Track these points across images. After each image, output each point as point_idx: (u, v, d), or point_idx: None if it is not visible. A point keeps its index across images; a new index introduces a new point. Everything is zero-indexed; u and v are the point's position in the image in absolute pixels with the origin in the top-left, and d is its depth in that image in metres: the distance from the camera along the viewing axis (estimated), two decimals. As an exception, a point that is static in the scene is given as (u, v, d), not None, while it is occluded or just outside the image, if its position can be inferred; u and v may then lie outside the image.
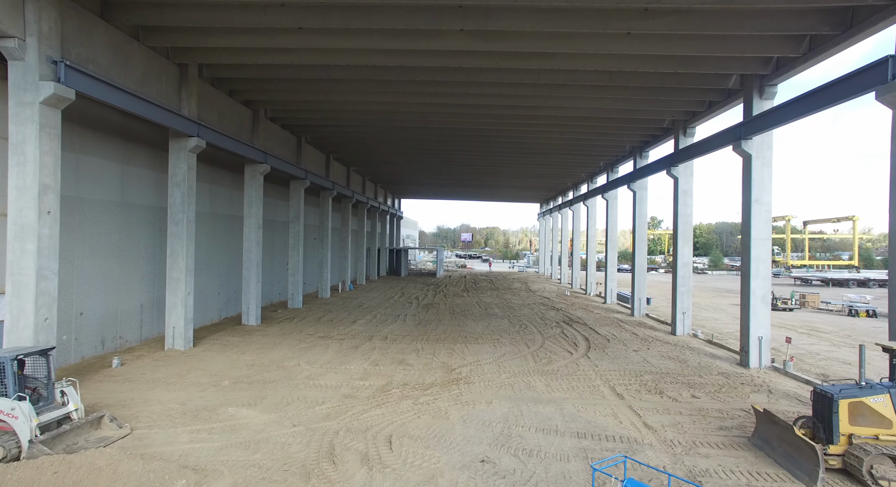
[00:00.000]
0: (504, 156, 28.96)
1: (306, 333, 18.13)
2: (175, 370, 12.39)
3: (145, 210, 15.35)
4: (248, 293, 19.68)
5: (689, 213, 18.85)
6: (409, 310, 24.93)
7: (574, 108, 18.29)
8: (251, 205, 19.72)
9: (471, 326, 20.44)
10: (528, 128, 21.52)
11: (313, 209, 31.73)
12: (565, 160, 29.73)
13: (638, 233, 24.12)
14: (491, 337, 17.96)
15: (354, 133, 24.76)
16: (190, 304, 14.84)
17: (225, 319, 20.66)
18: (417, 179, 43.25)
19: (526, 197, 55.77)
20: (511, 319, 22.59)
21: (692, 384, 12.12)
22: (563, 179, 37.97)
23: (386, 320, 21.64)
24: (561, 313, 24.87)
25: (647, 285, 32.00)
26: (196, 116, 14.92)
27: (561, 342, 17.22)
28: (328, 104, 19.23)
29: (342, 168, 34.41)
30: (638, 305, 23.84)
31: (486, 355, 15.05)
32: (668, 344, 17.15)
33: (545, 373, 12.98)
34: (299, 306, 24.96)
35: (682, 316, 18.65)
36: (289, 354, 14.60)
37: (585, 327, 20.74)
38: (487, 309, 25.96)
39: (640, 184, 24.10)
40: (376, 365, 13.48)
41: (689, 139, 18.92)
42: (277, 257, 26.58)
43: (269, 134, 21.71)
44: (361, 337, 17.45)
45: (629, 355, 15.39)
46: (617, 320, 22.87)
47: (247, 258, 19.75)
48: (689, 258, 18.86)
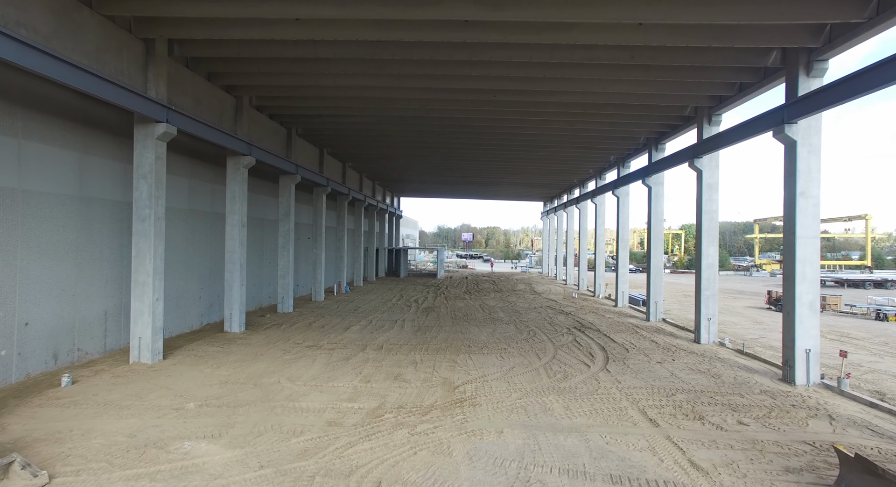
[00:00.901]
0: (509, 149, 27.26)
1: (293, 341, 16.44)
2: (134, 390, 10.70)
3: (111, 206, 13.66)
4: (231, 298, 17.99)
5: (715, 209, 17.13)
6: (407, 314, 23.24)
7: (588, 92, 16.58)
8: (234, 201, 18.03)
9: (474, 333, 18.75)
10: (536, 117, 19.81)
11: (306, 207, 30.05)
12: (574, 154, 28.00)
13: (654, 231, 22.42)
14: (497, 346, 16.27)
15: (349, 124, 23.06)
16: (159, 311, 13.16)
17: (207, 325, 18.98)
18: (417, 177, 41.56)
19: (529, 195, 54.05)
20: (517, 324, 20.90)
21: (735, 405, 10.41)
22: (569, 175, 36.24)
23: (382, 326, 19.95)
24: (570, 317, 23.18)
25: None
26: (165, 100, 13.23)
27: (575, 352, 15.52)
28: (318, 90, 17.53)
29: (337, 164, 32.72)
30: (654, 309, 22.14)
31: (492, 368, 13.36)
32: (693, 354, 15.45)
33: (562, 392, 11.29)
34: (290, 310, 23.27)
35: (708, 323, 16.94)
36: (270, 367, 12.92)
37: (599, 333, 19.04)
38: (491, 313, 24.27)
39: (656, 179, 22.39)
40: (368, 382, 11.79)
41: (714, 128, 17.21)
42: (267, 258, 24.90)
43: (255, 124, 20.02)
44: (354, 347, 15.76)
45: (654, 368, 13.69)
46: (632, 325, 21.17)
47: (229, 259, 18.06)
48: (715, 259, 17.14)
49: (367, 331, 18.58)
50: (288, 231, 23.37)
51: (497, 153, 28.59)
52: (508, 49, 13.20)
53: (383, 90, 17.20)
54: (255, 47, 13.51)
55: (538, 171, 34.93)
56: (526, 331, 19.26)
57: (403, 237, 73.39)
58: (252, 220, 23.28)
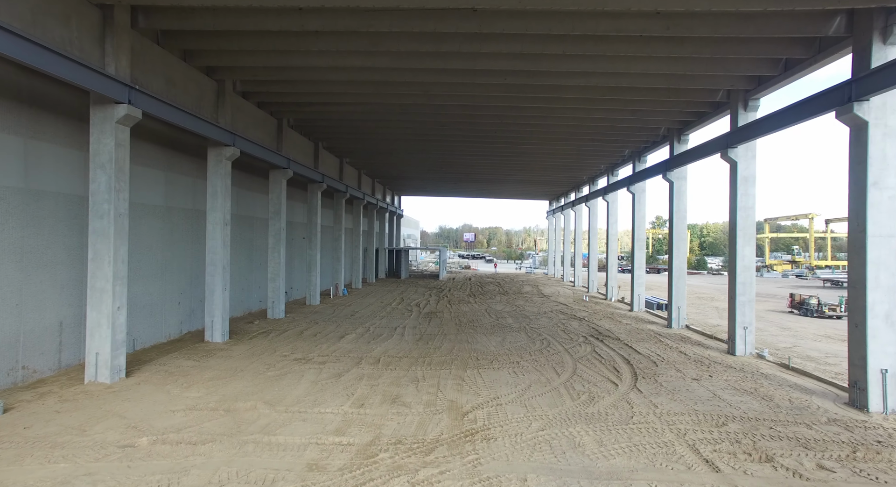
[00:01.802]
0: (517, 143, 25.47)
1: (280, 353, 14.67)
2: (79, 419, 8.92)
3: (68, 201, 11.90)
4: (213, 304, 16.22)
5: (752, 205, 15.30)
6: (408, 320, 21.46)
7: (610, 73, 14.79)
8: (216, 196, 16.26)
9: (482, 342, 16.96)
10: (549, 104, 18.01)
11: (301, 205, 28.30)
12: (587, 148, 26.19)
13: (676, 230, 20.61)
14: (508, 359, 14.48)
15: (344, 114, 21.30)
16: (121, 322, 11.39)
17: (187, 334, 17.22)
18: (418, 174, 39.78)
19: (535, 193, 52.24)
20: (528, 332, 19.10)
21: (805, 441, 8.59)
22: (579, 171, 34.43)
23: (380, 334, 18.17)
24: (585, 323, 21.37)
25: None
26: (128, 78, 11.46)
27: (597, 367, 13.73)
28: (308, 73, 15.76)
29: (334, 159, 30.96)
30: (676, 315, 20.32)
31: (505, 387, 11.57)
32: (732, 369, 13.63)
33: (590, 419, 9.49)
34: (281, 315, 21.51)
35: (744, 332, 15.12)
36: (249, 387, 11.14)
37: (619, 343, 17.24)
38: (499, 319, 22.48)
39: (678, 173, 20.57)
40: (361, 406, 10.01)
41: (750, 114, 15.39)
42: (257, 260, 23.14)
43: (240, 112, 18.25)
44: (348, 360, 13.99)
45: (691, 387, 11.88)
46: (653, 333, 19.35)
47: (210, 261, 16.29)
48: (752, 261, 15.32)
49: (363, 340, 16.80)
50: (279, 230, 21.60)
51: (504, 147, 26.79)
52: (524, 18, 11.39)
53: (380, 72, 15.41)
54: (232, 17, 11.70)
55: (547, 167, 33.11)
56: (539, 340, 17.47)
57: (404, 237, 71.61)
58: (241, 218, 21.52)
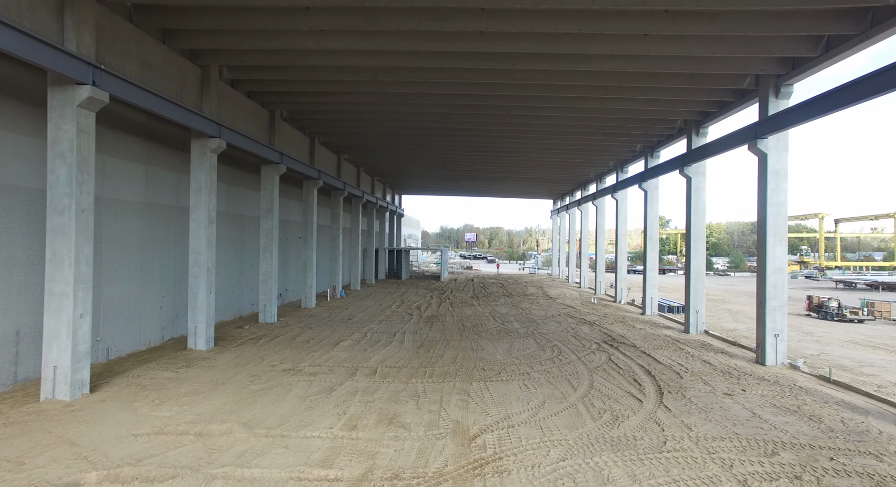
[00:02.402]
0: (523, 137, 24.20)
1: (268, 363, 13.41)
2: (19, 450, 7.65)
3: (26, 196, 10.65)
4: (196, 308, 14.97)
5: (783, 201, 14.00)
6: (408, 325, 20.18)
7: (630, 57, 13.54)
8: (200, 192, 15.00)
9: (488, 349, 15.69)
10: (560, 93, 16.72)
11: (296, 203, 27.05)
12: (597, 143, 24.90)
13: (694, 229, 19.31)
14: (518, 369, 13.20)
15: (340, 106, 20.05)
16: (84, 331, 10.13)
17: (170, 340, 15.97)
18: (419, 171, 38.52)
19: (539, 192, 50.94)
20: (537, 338, 17.82)
21: (880, 478, 7.30)
22: (587, 168, 33.13)
23: (378, 340, 16.91)
24: (596, 328, 20.08)
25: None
26: (92, 56, 10.21)
27: (615, 378, 12.44)
28: (300, 57, 14.50)
29: (331, 156, 29.71)
30: (695, 320, 19.02)
31: (517, 404, 10.30)
32: (766, 382, 12.34)
33: (617, 445, 8.22)
34: (273, 320, 20.25)
35: (775, 340, 13.82)
36: (228, 404, 9.88)
37: (636, 350, 15.96)
38: (505, 323, 21.20)
39: (695, 168, 19.28)
40: (353, 428, 8.74)
41: (782, 102, 14.11)
42: (249, 260, 21.89)
43: (228, 102, 17.00)
44: (341, 370, 12.72)
45: (725, 404, 10.60)
46: (670, 339, 18.05)
47: (194, 262, 15.03)
48: (784, 262, 14.01)
49: (359, 348, 15.53)
50: (271, 229, 20.34)
51: (509, 142, 25.52)
52: None
53: (378, 56, 14.15)
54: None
55: (553, 163, 31.83)
56: (549, 347, 16.18)
57: (405, 237, 70.38)
58: (231, 216, 20.28)
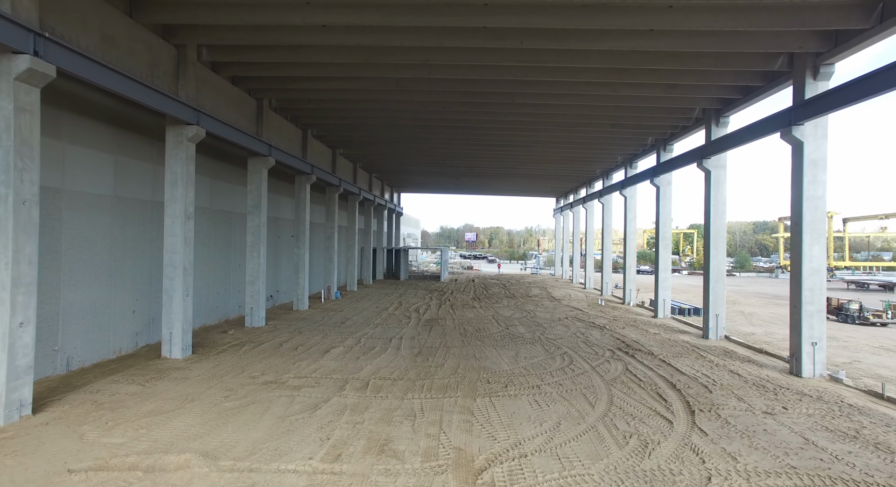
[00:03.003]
0: (528, 129, 22.80)
1: (248, 374, 12.03)
2: (-70, 488, 6.29)
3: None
4: (171, 313, 13.58)
5: (821, 194, 12.58)
6: (405, 329, 18.79)
7: (654, 33, 12.15)
8: (175, 185, 13.62)
9: (492, 358, 14.30)
10: (570, 77, 15.31)
11: (289, 200, 25.66)
12: (605, 136, 23.51)
13: (713, 226, 17.91)
14: (526, 381, 11.81)
15: (334, 94, 18.65)
16: (25, 343, 8.73)
17: (144, 347, 14.59)
18: (419, 168, 37.13)
19: (541, 190, 49.54)
20: (545, 344, 16.43)
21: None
22: (593, 164, 31.73)
23: (373, 346, 15.52)
24: (607, 333, 18.69)
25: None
26: (33, 22, 8.80)
27: (637, 392, 11.05)
28: (285, 34, 13.09)
29: (326, 150, 28.31)
30: (714, 324, 17.62)
31: (528, 425, 8.91)
32: (808, 398, 10.93)
33: (652, 481, 6.83)
34: (261, 323, 18.86)
35: (813, 349, 12.42)
36: (193, 427, 8.49)
37: (653, 358, 14.57)
38: (509, 327, 19.80)
39: (715, 161, 17.89)
40: (336, 460, 7.35)
41: (821, 84, 12.71)
42: (236, 260, 20.51)
43: (207, 86, 15.59)
44: (329, 383, 11.34)
45: (769, 426, 9.20)
46: (689, 345, 16.66)
47: (169, 261, 13.64)
48: (822, 263, 12.59)
49: (351, 356, 14.13)
50: (258, 227, 18.95)
51: (513, 135, 24.12)
52: None
53: (371, 34, 12.76)
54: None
55: (559, 159, 30.42)
56: (559, 355, 14.79)
57: (404, 237, 69.00)
58: (217, 213, 18.90)
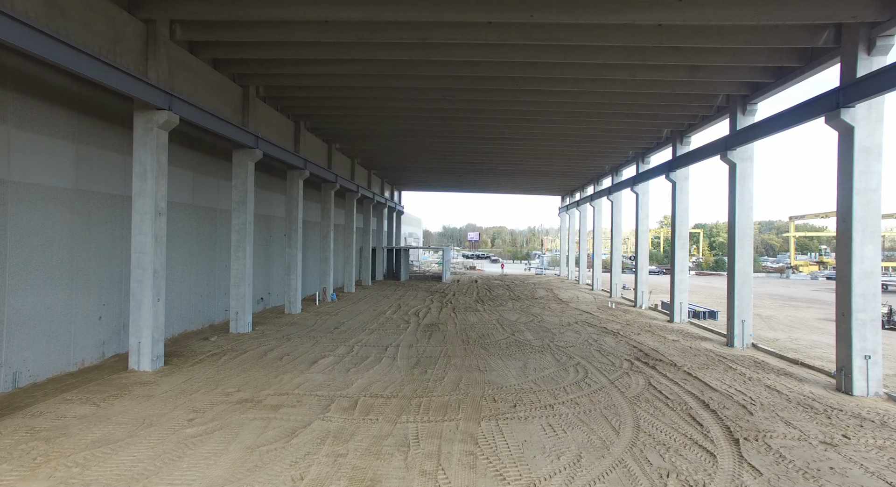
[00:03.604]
0: (535, 120, 21.32)
1: (223, 390, 10.59)
2: None
3: None
4: (139, 320, 12.15)
5: (875, 187, 11.00)
6: (403, 336, 17.33)
7: (679, 2, 10.64)
8: (144, 177, 12.19)
9: (497, 369, 12.82)
10: (584, 58, 13.79)
11: (280, 196, 24.24)
12: (618, 128, 22.01)
13: (739, 224, 16.38)
14: (538, 399, 10.33)
15: (326, 81, 17.22)
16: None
17: (113, 358, 13.18)
18: (419, 164, 35.67)
19: (546, 188, 48.01)
20: (555, 352, 14.95)
21: None
22: (603, 159, 30.21)
23: (366, 356, 14.07)
24: (622, 340, 17.19)
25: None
26: (-46, -23, 7.40)
27: (665, 414, 9.56)
28: (265, 7, 11.65)
29: (321, 145, 26.86)
30: (740, 331, 16.10)
31: (542, 458, 7.42)
32: (870, 423, 9.39)
33: (708, 547, 5.36)
34: (247, 329, 17.44)
35: (865, 363, 10.88)
36: (141, 462, 7.04)
37: (677, 370, 13.07)
38: (515, 333, 18.32)
39: (741, 152, 16.35)
40: (308, 511, 5.91)
41: (876, 59, 11.19)
42: (223, 260, 19.09)
43: (183, 68, 14.16)
44: (312, 402, 9.89)
45: (834, 462, 7.68)
46: (714, 355, 15.13)
47: (137, 263, 12.21)
48: (877, 264, 11.08)
49: (341, 367, 12.68)
50: (244, 225, 17.51)
51: (518, 127, 22.64)
52: None
53: (362, 7, 11.30)
54: None
55: (566, 154, 28.92)
56: (571, 366, 13.31)
57: (406, 236, 67.57)
58: (200, 210, 17.48)
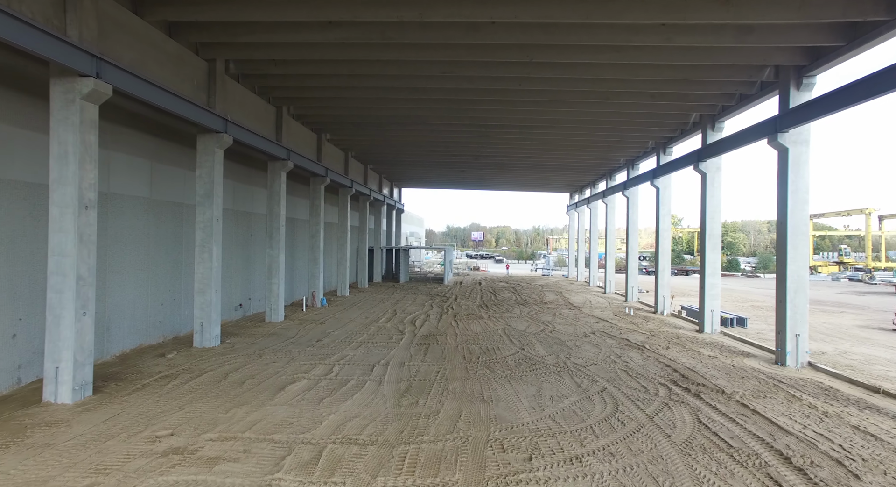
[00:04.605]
0: (546, 105, 18.79)
1: (151, 433, 8.14)
2: None
3: None
4: (57, 339, 9.72)
5: None
6: (394, 351, 14.86)
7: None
8: (65, 161, 9.77)
9: (506, 400, 10.31)
10: (605, 20, 11.33)
11: (263, 191, 21.80)
12: (639, 113, 19.44)
13: (792, 218, 13.82)
14: (559, 447, 7.81)
15: (305, 52, 14.74)
16: None
17: (33, 384, 10.77)
18: (419, 158, 33.18)
19: (553, 184, 45.40)
20: (574, 373, 12.44)
21: None
22: (619, 150, 27.61)
23: (347, 379, 11.61)
24: (650, 356, 14.65)
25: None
26: None
27: (737, 476, 7.02)
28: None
29: (309, 135, 24.40)
30: (794, 347, 13.53)
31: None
32: None
33: None
34: (214, 343, 15.02)
35: None
36: None
37: (730, 401, 10.54)
38: (525, 346, 15.82)
39: (795, 134, 13.78)
40: None
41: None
42: (190, 262, 16.66)
43: (122, 31, 11.65)
44: (262, 453, 7.41)
45: None
46: (768, 378, 12.54)
47: (56, 268, 9.77)
48: None
49: (313, 396, 10.20)
50: (210, 221, 15.08)
51: (526, 113, 20.10)
52: None
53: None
54: None
55: (577, 144, 26.34)
56: (596, 393, 10.79)
57: (407, 236, 65.12)
58: (162, 205, 15.07)
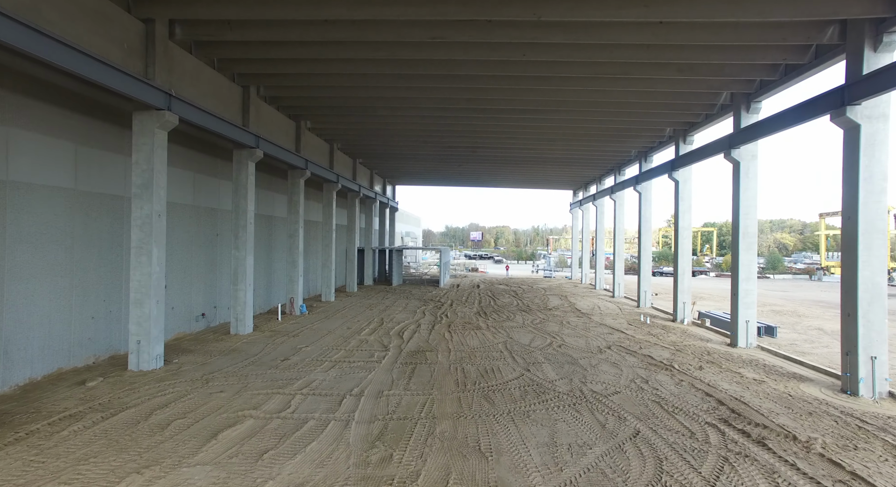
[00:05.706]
0: (548, 91, 16.10)
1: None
2: None
3: None
4: None
5: None
6: (373, 373, 12.16)
7: None
8: None
9: (510, 451, 7.59)
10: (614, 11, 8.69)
11: (230, 184, 19.08)
12: (660, 92, 16.69)
13: (864, 215, 11.08)
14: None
15: (275, 29, 11.99)
16: None
17: None
18: (412, 151, 30.45)
19: (555, 180, 42.62)
20: (594, 407, 9.76)
21: None
22: (629, 141, 24.86)
23: (306, 417, 8.92)
24: (682, 380, 11.95)
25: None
26: None
27: None
28: None
29: (286, 122, 21.67)
30: (869, 373, 10.84)
31: None
32: None
33: None
34: (156, 364, 12.35)
35: None
36: None
37: (811, 456, 7.85)
38: (530, 366, 13.14)
39: (868, 109, 11.10)
40: None
41: None
42: (126, 266, 13.91)
43: None
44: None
45: None
46: (846, 417, 9.77)
47: None
48: None
49: (251, 449, 7.48)
50: (148, 218, 12.38)
51: (529, 97, 17.36)
52: None
53: None
54: None
55: (584, 134, 23.62)
56: (628, 439, 8.11)
57: (402, 235, 62.38)
58: (96, 198, 12.34)
